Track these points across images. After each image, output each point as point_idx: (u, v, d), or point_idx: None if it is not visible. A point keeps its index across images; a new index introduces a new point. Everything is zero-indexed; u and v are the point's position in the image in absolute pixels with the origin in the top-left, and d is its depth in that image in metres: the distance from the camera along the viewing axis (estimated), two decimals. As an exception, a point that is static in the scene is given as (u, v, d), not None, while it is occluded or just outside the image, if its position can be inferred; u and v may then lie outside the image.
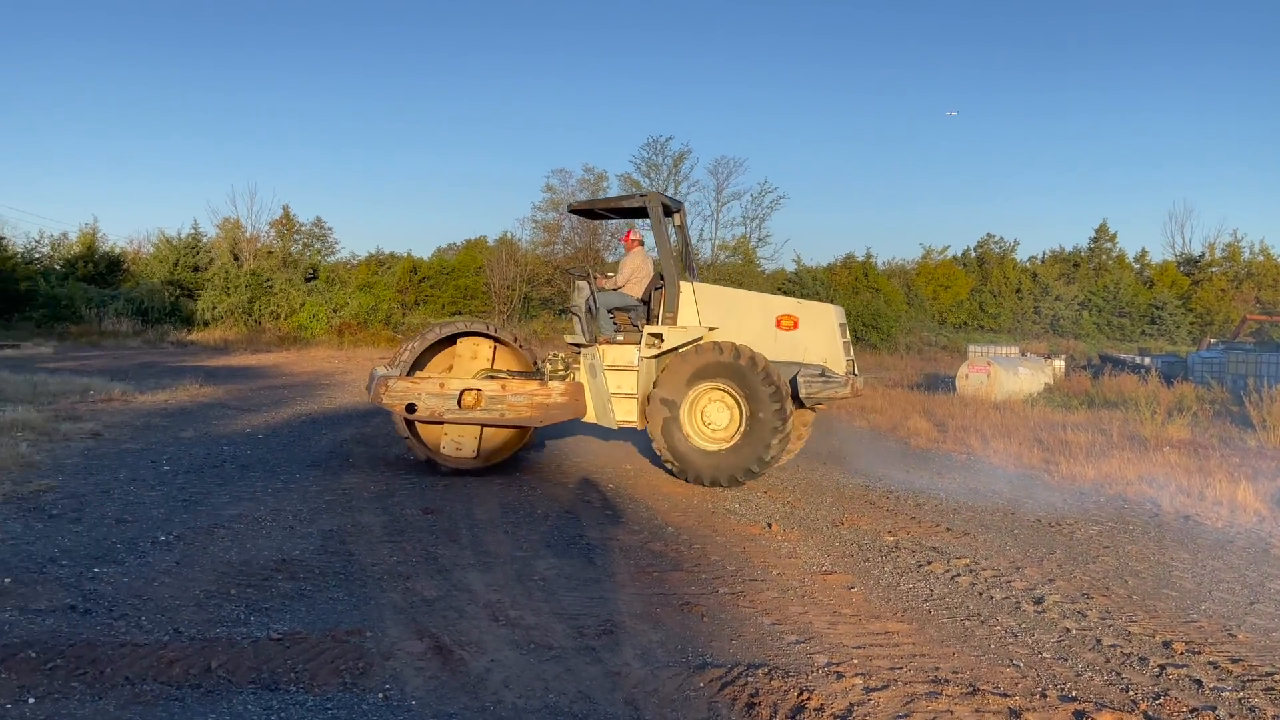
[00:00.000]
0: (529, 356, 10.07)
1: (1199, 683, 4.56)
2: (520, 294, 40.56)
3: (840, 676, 4.52)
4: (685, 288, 9.78)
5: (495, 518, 7.75)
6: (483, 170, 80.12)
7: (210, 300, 36.22)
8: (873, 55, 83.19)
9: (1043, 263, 51.49)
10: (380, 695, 4.12)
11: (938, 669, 4.67)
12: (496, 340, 10.08)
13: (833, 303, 12.12)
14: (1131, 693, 4.43)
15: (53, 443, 10.43)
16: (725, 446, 9.34)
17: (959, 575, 6.42)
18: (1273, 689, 4.48)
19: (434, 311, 43.34)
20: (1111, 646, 5.07)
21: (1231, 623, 5.50)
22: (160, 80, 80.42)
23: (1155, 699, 4.35)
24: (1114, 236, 52.07)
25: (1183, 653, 4.96)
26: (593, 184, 42.72)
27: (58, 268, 39.93)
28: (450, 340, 10.07)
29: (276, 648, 4.60)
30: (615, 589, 5.86)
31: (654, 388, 9.54)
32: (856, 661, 4.75)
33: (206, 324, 35.56)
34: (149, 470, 9.15)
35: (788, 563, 6.64)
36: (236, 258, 40.16)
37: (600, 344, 9.76)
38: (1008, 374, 19.34)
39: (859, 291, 43.03)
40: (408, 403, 9.19)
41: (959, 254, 52.59)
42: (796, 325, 9.62)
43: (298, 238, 44.60)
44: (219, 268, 38.32)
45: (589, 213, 11.20)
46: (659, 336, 9.62)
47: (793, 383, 9.29)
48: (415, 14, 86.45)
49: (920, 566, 6.61)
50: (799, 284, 43.69)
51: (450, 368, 10.01)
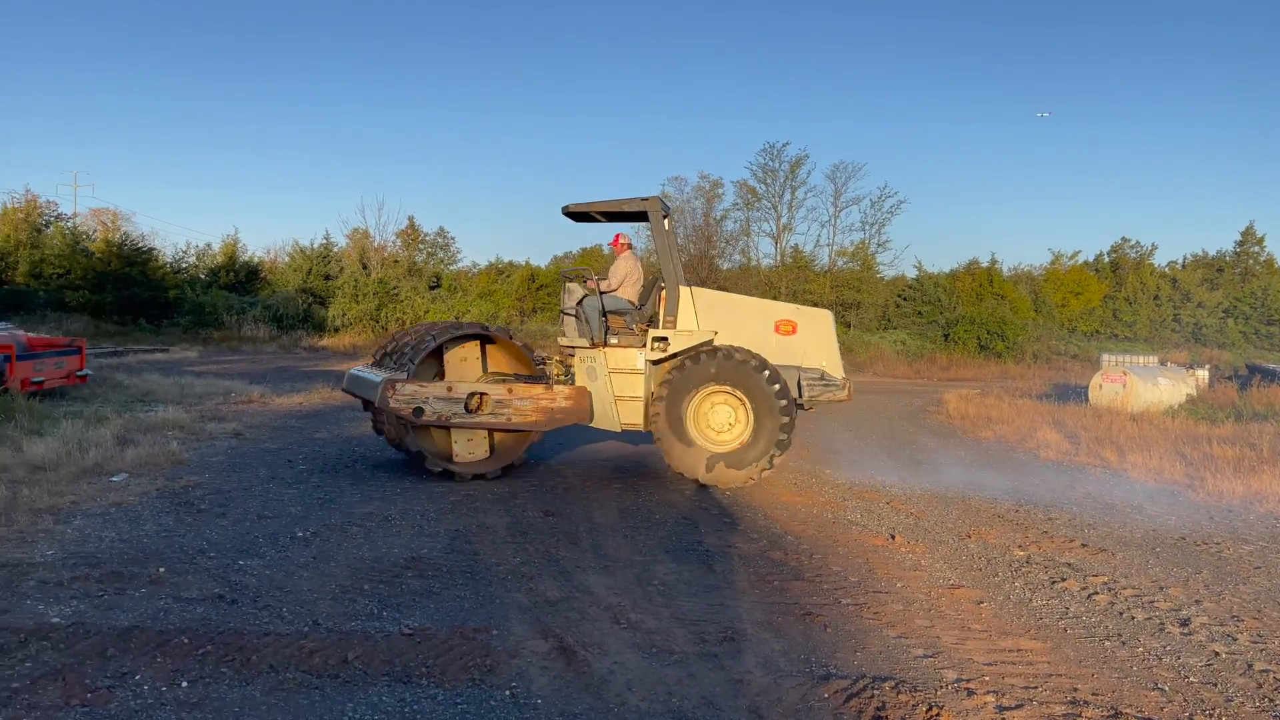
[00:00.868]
0: (530, 358, 9.96)
1: (1369, 717, 4.24)
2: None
3: (971, 694, 4.38)
4: (684, 292, 9.81)
5: (614, 522, 7.81)
6: (599, 179, 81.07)
7: (340, 307, 37.75)
8: (999, 53, 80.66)
9: (1183, 268, 48.89)
10: (507, 693, 4.21)
11: (1076, 690, 4.48)
12: (486, 340, 9.90)
13: (828, 307, 12.02)
14: (1292, 724, 4.15)
15: (199, 441, 11.04)
16: (731, 449, 9.47)
17: (1096, 593, 6.14)
18: None
19: (551, 319, 44.10)
20: (1264, 672, 4.77)
21: (1405, 654, 5.09)
22: (296, 96, 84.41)
23: (1319, 732, 4.06)
24: (1262, 240, 49.09)
25: (1349, 684, 4.62)
26: (708, 191, 42.75)
27: (202, 277, 42.27)
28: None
29: (408, 642, 4.75)
30: (735, 596, 5.83)
31: (660, 391, 9.49)
32: (988, 679, 4.59)
33: (337, 330, 37.06)
34: (286, 469, 9.59)
35: (912, 575, 6.47)
36: (365, 266, 41.78)
37: (603, 347, 9.70)
38: (1146, 384, 18.40)
39: (983, 298, 41.70)
40: (415, 407, 8.90)
41: (1091, 259, 50.44)
42: (795, 330, 9.91)
43: (422, 247, 46.12)
44: (348, 276, 39.93)
45: (584, 216, 10.55)
46: (664, 340, 9.67)
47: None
48: (530, 26, 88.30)
49: (1054, 583, 6.35)
50: (920, 290, 42.65)
51: (439, 371, 9.71)
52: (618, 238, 10.56)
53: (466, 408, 9.09)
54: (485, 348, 10.06)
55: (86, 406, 13.37)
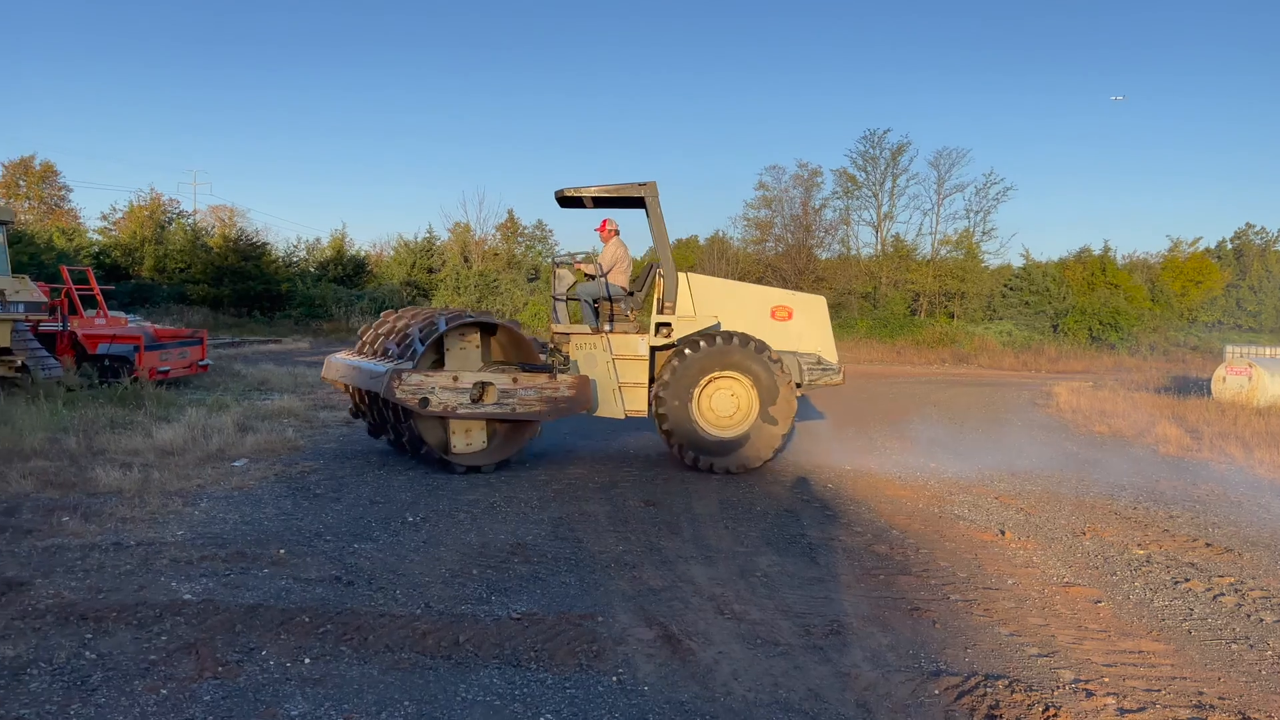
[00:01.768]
0: (532, 347, 9.62)
1: None
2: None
3: (1090, 695, 4.24)
4: (681, 278, 9.72)
5: (715, 512, 7.81)
6: (694, 170, 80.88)
7: (442, 300, 38.66)
8: (1111, 29, 77.29)
9: (1313, 254, 46.07)
10: (614, 679, 4.26)
11: (1201, 694, 4.29)
12: (486, 328, 9.52)
13: (820, 294, 11.75)
14: None
15: (313, 429, 11.47)
16: (736, 434, 9.49)
17: (1222, 594, 5.87)
18: None
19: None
20: None
21: None
22: (400, 94, 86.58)
23: None
24: (1405, 223, 45.79)
25: None
26: (806, 180, 42.17)
27: (312, 270, 43.78)
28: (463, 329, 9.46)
29: (517, 626, 4.84)
30: (840, 589, 5.77)
31: (664, 377, 9.39)
32: (1107, 680, 4.44)
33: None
34: (395, 456, 9.88)
35: (1024, 572, 6.29)
36: (466, 259, 42.67)
37: (607, 334, 9.58)
38: (1273, 377, 17.45)
39: (1095, 288, 40.11)
40: (421, 398, 8.61)
41: (1212, 245, 47.98)
42: (791, 315, 10.04)
43: (521, 240, 46.83)
44: (450, 269, 40.87)
45: (575, 201, 10.40)
46: (668, 326, 9.58)
47: None
48: (622, 18, 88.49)
49: (1176, 583, 6.09)
50: (1027, 279, 41.28)
51: (436, 359, 9.32)
52: (605, 223, 10.41)
53: (472, 398, 8.89)
54: (486, 337, 9.70)
55: (208, 395, 14.04)
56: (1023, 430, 14.20)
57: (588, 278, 10.41)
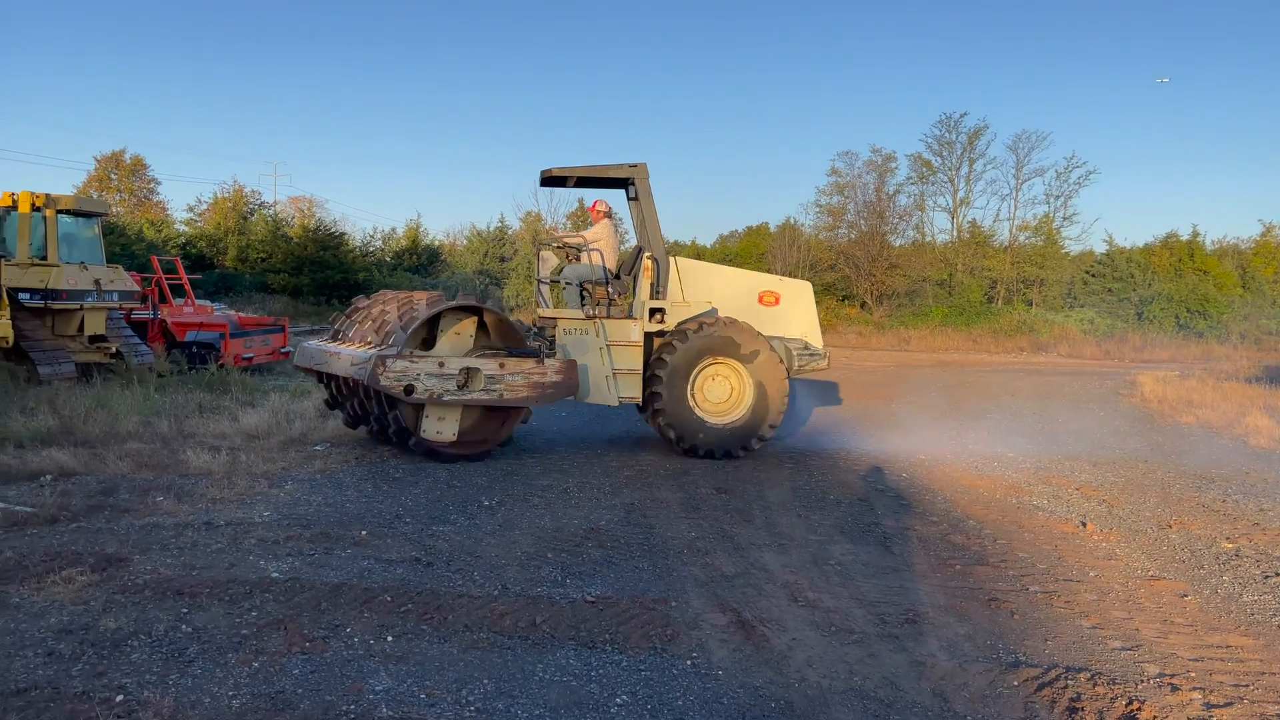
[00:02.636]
0: (518, 332, 9.31)
1: None
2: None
3: (1175, 689, 4.14)
4: (669, 263, 9.57)
5: (787, 501, 7.79)
6: (766, 156, 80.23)
7: (515, 288, 39.06)
8: (1191, 5, 74.29)
9: None
10: (689, 662, 4.29)
11: (1295, 692, 4.16)
12: (477, 312, 9.16)
13: (806, 279, 11.46)
14: None
15: (391, 414, 11.72)
16: (732, 420, 9.48)
17: (1318, 592, 5.66)
18: None
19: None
20: None
21: None
22: (472, 83, 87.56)
23: None
24: None
25: None
26: (880, 165, 41.43)
27: (388, 260, 44.59)
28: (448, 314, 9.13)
29: (591, 609, 4.91)
30: (915, 579, 5.71)
31: (659, 363, 9.24)
32: (1193, 675, 4.33)
33: (512, 310, 38.39)
34: (471, 442, 10.06)
35: (1107, 565, 6.15)
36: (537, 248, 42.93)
37: (603, 319, 9.41)
38: (1375, 367, 16.66)
39: (1182, 274, 38.70)
40: (407, 384, 8.31)
41: (1310, 229, 45.80)
42: (778, 301, 10.01)
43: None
44: (522, 258, 41.22)
45: (560, 181, 10.16)
46: (662, 312, 9.42)
47: None
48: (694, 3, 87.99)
49: (1268, 578, 5.89)
50: (1110, 266, 40.05)
51: (423, 342, 9.03)
52: (595, 204, 10.25)
53: (458, 384, 8.61)
54: (478, 321, 9.32)
55: (289, 381, 14.46)
56: (1105, 420, 13.83)
57: (571, 260, 10.17)
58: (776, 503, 7.70)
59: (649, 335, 9.59)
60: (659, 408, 9.35)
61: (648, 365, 9.51)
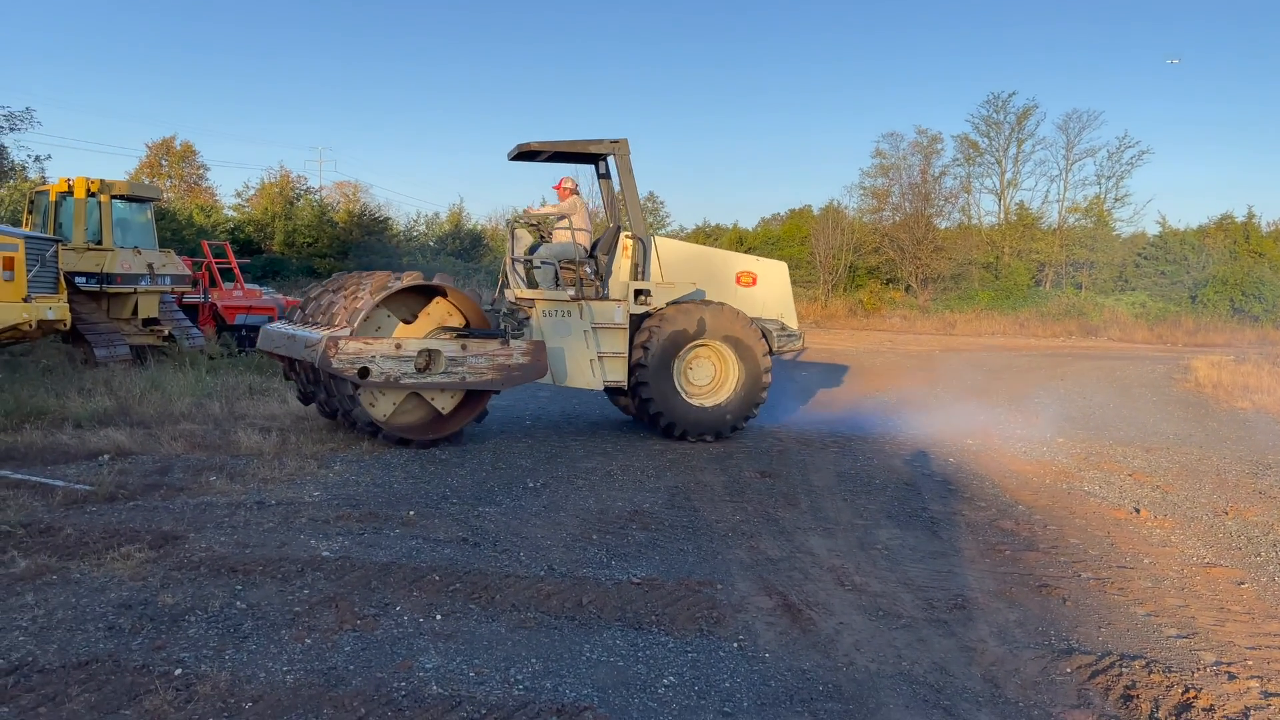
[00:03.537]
0: (482, 312, 8.91)
1: None
2: (846, 263, 39.83)
3: (1232, 678, 4.06)
4: (651, 243, 9.43)
5: (831, 485, 7.74)
6: (809, 138, 79.40)
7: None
8: (1261, -17, 71.95)
9: None
10: (735, 644, 4.29)
11: (1359, 683, 4.05)
12: (440, 292, 8.75)
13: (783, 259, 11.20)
14: None
15: (436, 397, 11.82)
16: (717, 402, 9.46)
17: (1383, 581, 5.51)
18: None
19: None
20: None
21: None
22: (517, 68, 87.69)
23: None
24: None
25: None
26: (925, 147, 40.89)
27: (431, 244, 44.91)
28: (411, 297, 8.76)
29: (637, 591, 4.92)
30: (963, 564, 5.65)
31: (647, 346, 9.05)
32: (1251, 663, 4.24)
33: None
34: (515, 424, 10.14)
35: (1161, 552, 6.04)
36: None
37: (591, 300, 9.15)
38: None
39: (1237, 257, 37.72)
40: (360, 367, 7.91)
41: (1372, 210, 44.43)
42: (755, 281, 9.91)
43: (633, 212, 46.82)
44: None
45: (532, 156, 9.82)
46: (647, 293, 9.23)
47: None
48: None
49: (1330, 568, 5.75)
50: (1163, 248, 39.17)
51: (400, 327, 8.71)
52: (563, 181, 9.90)
53: (416, 367, 8.25)
54: (439, 303, 8.89)
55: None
56: (1158, 405, 13.56)
57: (541, 238, 9.90)
58: (821, 487, 7.65)
59: (634, 317, 9.35)
60: (646, 392, 9.17)
61: (632, 348, 9.27)
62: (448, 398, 8.86)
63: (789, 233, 45.27)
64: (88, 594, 4.51)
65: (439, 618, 4.45)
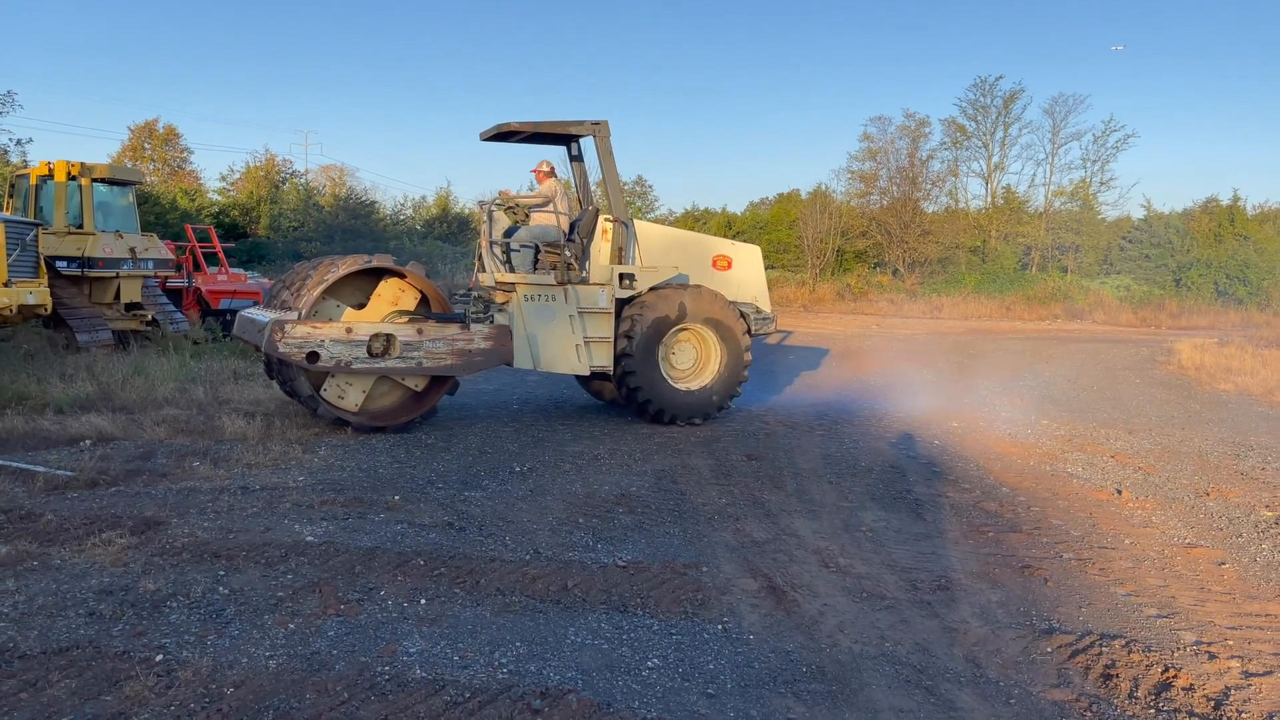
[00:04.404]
0: (442, 296, 8.74)
1: None
2: (834, 247, 39.83)
3: (1213, 657, 4.10)
4: (632, 226, 9.46)
5: (817, 468, 7.76)
6: (798, 121, 79.23)
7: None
8: (1248, -34, 72.01)
9: None
10: (720, 627, 4.30)
11: (1336, 662, 4.10)
12: (397, 275, 8.54)
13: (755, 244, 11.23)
14: None
15: (422, 381, 11.79)
16: (700, 385, 9.49)
17: (1361, 561, 5.56)
18: None
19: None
20: None
21: None
22: (497, 51, 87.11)
23: None
24: None
25: None
26: (913, 130, 40.85)
27: (418, 228, 44.66)
28: (372, 280, 8.55)
29: (623, 574, 4.93)
30: (947, 546, 5.68)
31: (632, 330, 9.02)
32: (1231, 643, 4.28)
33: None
34: (502, 408, 10.12)
35: (1142, 533, 6.08)
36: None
37: (577, 285, 9.07)
38: None
39: (1222, 240, 37.87)
40: (309, 352, 7.77)
41: (1355, 193, 44.65)
42: (730, 265, 9.95)
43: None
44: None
45: (506, 137, 9.71)
46: (632, 277, 9.22)
47: None
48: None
49: (1309, 547, 5.80)
50: (1147, 231, 39.32)
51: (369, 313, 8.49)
52: (541, 165, 9.82)
53: (370, 351, 8.05)
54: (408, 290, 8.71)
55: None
56: (1141, 387, 13.64)
57: (521, 220, 9.77)
58: (807, 469, 7.67)
59: (617, 302, 9.27)
60: (634, 381, 9.11)
61: (617, 335, 9.19)
62: (420, 376, 8.67)
63: (777, 217, 45.27)
64: (68, 580, 4.49)
65: (423, 602, 4.45)
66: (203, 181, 46.64)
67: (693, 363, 9.60)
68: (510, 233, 9.60)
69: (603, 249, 9.43)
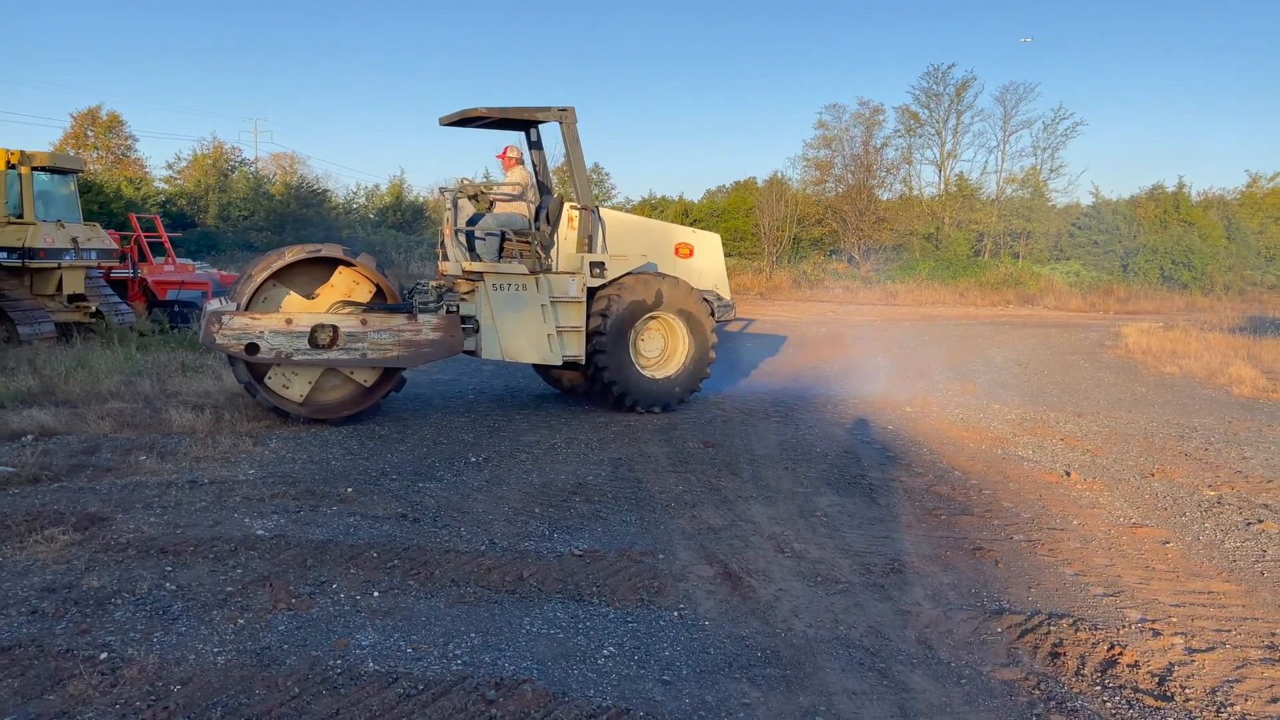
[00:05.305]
0: (393, 287, 8.60)
1: None
2: (790, 234, 40.00)
3: (1157, 634, 4.19)
4: (598, 214, 9.49)
5: (774, 454, 7.80)
6: (753, 109, 79.39)
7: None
8: (1191, -43, 73.39)
9: (1407, 188, 43.77)
10: (675, 614, 4.31)
11: (1274, 634, 4.22)
12: (345, 263, 8.39)
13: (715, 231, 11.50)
14: None
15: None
16: (668, 373, 9.54)
17: (1298, 537, 5.71)
18: None
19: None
20: None
21: None
22: (453, 35, 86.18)
23: None
24: None
25: None
26: (868, 118, 41.13)
27: (371, 217, 44.13)
28: (327, 270, 8.41)
29: (579, 563, 4.92)
30: (900, 529, 5.74)
31: (603, 319, 9.04)
32: (1175, 620, 4.38)
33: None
34: (458, 399, 10.03)
35: (1090, 513, 6.20)
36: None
37: (550, 274, 8.99)
38: (1357, 316, 16.76)
39: (1167, 226, 38.69)
40: (248, 343, 7.70)
41: (1294, 180, 45.74)
42: (692, 253, 9.95)
43: (576, 183, 46.46)
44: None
45: (467, 123, 9.53)
46: (602, 265, 9.23)
47: None
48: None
49: (1249, 525, 5.95)
50: (1096, 218, 40.03)
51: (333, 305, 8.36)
52: (506, 150, 9.72)
53: (313, 342, 7.91)
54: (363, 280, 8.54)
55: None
56: (1089, 372, 13.89)
57: (486, 208, 9.57)
58: (763, 456, 7.71)
59: (589, 290, 9.20)
60: (603, 361, 9.07)
61: (590, 318, 9.14)
62: (368, 370, 8.49)
63: (734, 204, 45.34)
64: (9, 578, 4.37)
65: (376, 595, 4.40)
66: (148, 170, 45.70)
67: (659, 351, 9.60)
68: (474, 220, 9.43)
69: (569, 237, 9.29)
